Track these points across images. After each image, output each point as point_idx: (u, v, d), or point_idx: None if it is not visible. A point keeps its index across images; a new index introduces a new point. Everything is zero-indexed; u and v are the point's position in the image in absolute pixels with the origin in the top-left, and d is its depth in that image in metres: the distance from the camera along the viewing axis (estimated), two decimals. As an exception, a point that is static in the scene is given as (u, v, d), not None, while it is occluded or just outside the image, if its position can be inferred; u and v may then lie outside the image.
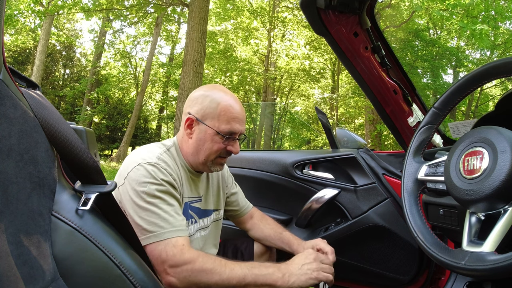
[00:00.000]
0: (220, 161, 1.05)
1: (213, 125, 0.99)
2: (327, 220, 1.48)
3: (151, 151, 0.97)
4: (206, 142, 1.00)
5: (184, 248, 0.86)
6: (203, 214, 1.11)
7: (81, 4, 9.59)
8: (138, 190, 0.88)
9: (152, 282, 0.57)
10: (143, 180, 0.89)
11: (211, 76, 14.59)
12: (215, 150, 1.01)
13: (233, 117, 1.00)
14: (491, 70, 0.76)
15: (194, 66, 6.21)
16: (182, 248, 0.85)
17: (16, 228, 0.42)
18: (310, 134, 14.44)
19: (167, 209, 0.89)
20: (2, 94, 0.46)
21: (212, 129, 0.99)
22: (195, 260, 0.84)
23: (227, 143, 1.01)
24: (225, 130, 0.99)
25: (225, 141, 1.00)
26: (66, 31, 18.16)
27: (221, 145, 1.00)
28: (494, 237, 0.64)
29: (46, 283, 0.44)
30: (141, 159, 0.93)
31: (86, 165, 0.54)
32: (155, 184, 0.89)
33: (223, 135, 0.99)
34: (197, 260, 0.84)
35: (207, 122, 0.99)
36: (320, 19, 1.12)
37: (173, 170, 0.97)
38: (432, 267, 1.32)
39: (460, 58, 12.27)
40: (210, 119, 0.99)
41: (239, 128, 1.01)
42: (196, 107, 1.01)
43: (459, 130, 1.33)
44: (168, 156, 0.99)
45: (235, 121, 1.00)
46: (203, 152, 1.01)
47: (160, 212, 0.87)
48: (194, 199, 1.08)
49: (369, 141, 10.73)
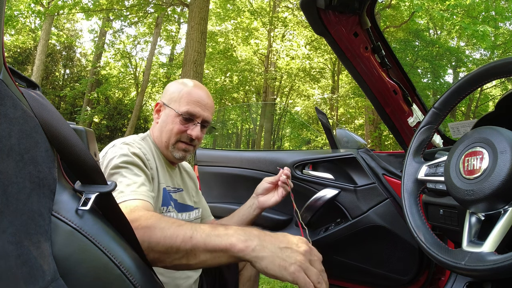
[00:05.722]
0: (181, 145, 1.07)
1: (175, 107, 1.05)
2: (327, 220, 1.48)
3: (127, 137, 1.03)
4: (168, 124, 1.06)
5: (135, 208, 0.79)
6: (182, 208, 1.12)
7: (81, 4, 9.58)
8: (110, 164, 0.91)
9: (152, 282, 0.57)
10: (114, 155, 0.92)
11: (211, 76, 14.58)
12: (175, 132, 1.05)
13: (194, 100, 1.05)
14: (491, 70, 0.76)
15: (194, 66, 6.21)
16: (132, 208, 0.78)
17: (16, 228, 0.42)
18: (310, 134, 14.43)
19: (131, 177, 0.88)
20: (2, 94, 0.46)
21: (173, 110, 1.05)
22: (139, 219, 0.73)
23: (187, 126, 1.05)
24: (184, 110, 1.04)
25: (185, 123, 1.05)
26: (66, 31, 18.17)
27: (181, 127, 1.05)
28: (494, 237, 0.64)
29: (46, 283, 0.44)
30: (117, 141, 0.99)
31: (86, 165, 0.54)
32: (124, 156, 0.92)
33: (181, 115, 1.04)
34: (141, 218, 0.73)
35: (171, 105, 1.06)
36: (320, 19, 1.12)
37: (148, 153, 1.01)
38: (432, 267, 1.32)
39: (460, 58, 12.27)
40: (173, 102, 1.06)
41: (199, 112, 1.05)
42: (166, 94, 1.09)
43: (459, 130, 1.33)
44: (144, 143, 1.05)
45: (196, 105, 1.05)
46: (165, 134, 1.06)
47: (123, 179, 0.87)
48: (172, 189, 1.10)
49: (369, 141, 10.72)
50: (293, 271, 0.62)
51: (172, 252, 0.65)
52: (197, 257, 0.65)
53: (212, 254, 0.65)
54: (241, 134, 11.98)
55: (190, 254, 0.65)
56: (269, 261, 0.63)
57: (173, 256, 0.66)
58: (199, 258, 0.65)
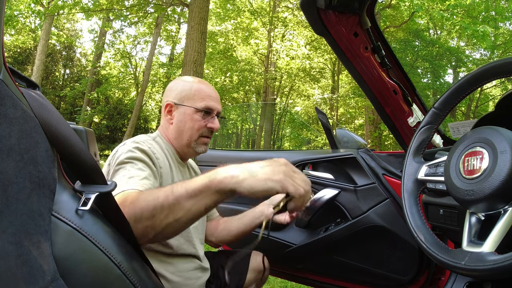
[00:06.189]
0: (203, 140, 1.10)
1: (190, 104, 1.06)
2: (327, 220, 1.48)
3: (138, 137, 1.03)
4: (187, 122, 1.07)
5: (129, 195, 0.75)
6: None
7: (81, 4, 9.58)
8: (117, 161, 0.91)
9: (152, 282, 0.57)
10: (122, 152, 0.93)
11: (211, 76, 14.59)
12: (197, 128, 1.07)
13: (206, 95, 1.08)
14: (491, 70, 0.76)
15: (194, 66, 6.21)
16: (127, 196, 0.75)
17: (16, 228, 0.42)
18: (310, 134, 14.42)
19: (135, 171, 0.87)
20: (2, 94, 0.46)
21: (191, 107, 1.06)
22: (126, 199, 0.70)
23: (206, 121, 1.08)
24: (202, 105, 1.06)
25: (204, 118, 1.07)
26: (66, 31, 18.17)
27: (201, 123, 1.07)
28: (494, 237, 0.64)
29: (46, 283, 0.44)
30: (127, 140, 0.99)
31: (86, 165, 0.54)
32: (130, 152, 0.93)
33: (201, 110, 1.06)
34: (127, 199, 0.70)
35: (185, 103, 1.07)
36: (320, 19, 1.12)
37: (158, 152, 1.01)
38: (432, 267, 1.32)
39: (460, 58, 12.28)
40: (187, 100, 1.07)
41: (214, 105, 1.09)
42: (173, 94, 1.09)
43: (459, 130, 1.33)
44: (154, 143, 1.04)
45: (209, 99, 1.08)
46: (185, 133, 1.07)
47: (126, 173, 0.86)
48: None
49: (369, 141, 10.72)
50: (279, 179, 0.62)
51: (157, 212, 0.64)
52: (182, 207, 0.64)
53: (195, 198, 0.63)
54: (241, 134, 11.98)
55: (175, 207, 0.64)
56: (252, 180, 0.61)
57: (159, 216, 0.64)
58: (184, 207, 0.64)
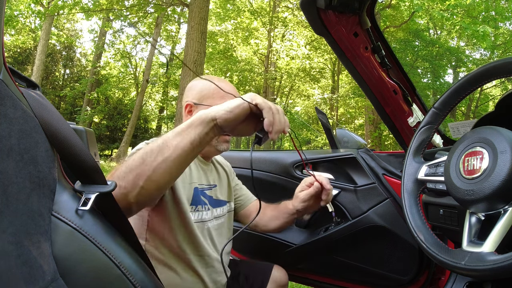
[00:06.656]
0: (224, 137, 1.10)
1: (210, 103, 1.05)
2: (327, 220, 1.48)
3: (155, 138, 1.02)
4: None
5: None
6: (217, 204, 1.14)
7: (81, 4, 9.58)
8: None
9: (152, 282, 0.57)
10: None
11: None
12: None
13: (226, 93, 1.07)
14: (491, 70, 0.76)
15: (194, 66, 6.21)
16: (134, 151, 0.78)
17: (16, 228, 0.42)
18: (310, 134, 14.42)
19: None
20: (2, 94, 0.46)
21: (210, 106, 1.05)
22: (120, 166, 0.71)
23: None
24: None
25: None
26: (66, 31, 18.18)
27: None
28: (494, 237, 0.64)
29: (46, 283, 0.44)
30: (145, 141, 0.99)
31: (86, 165, 0.54)
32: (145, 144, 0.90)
33: None
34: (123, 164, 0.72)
35: (205, 103, 1.07)
36: (320, 19, 1.12)
37: None
38: (432, 267, 1.32)
39: (460, 58, 12.28)
40: (206, 99, 1.07)
41: None
42: (192, 94, 1.09)
43: (459, 130, 1.33)
44: None
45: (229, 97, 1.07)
46: None
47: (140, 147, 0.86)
48: (206, 187, 1.11)
49: (369, 141, 10.73)
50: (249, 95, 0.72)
51: (147, 156, 0.67)
52: (169, 145, 0.67)
53: (181, 135, 0.68)
54: (241, 134, 11.94)
55: (163, 146, 0.67)
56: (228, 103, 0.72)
57: (148, 160, 0.67)
58: (171, 144, 0.67)
